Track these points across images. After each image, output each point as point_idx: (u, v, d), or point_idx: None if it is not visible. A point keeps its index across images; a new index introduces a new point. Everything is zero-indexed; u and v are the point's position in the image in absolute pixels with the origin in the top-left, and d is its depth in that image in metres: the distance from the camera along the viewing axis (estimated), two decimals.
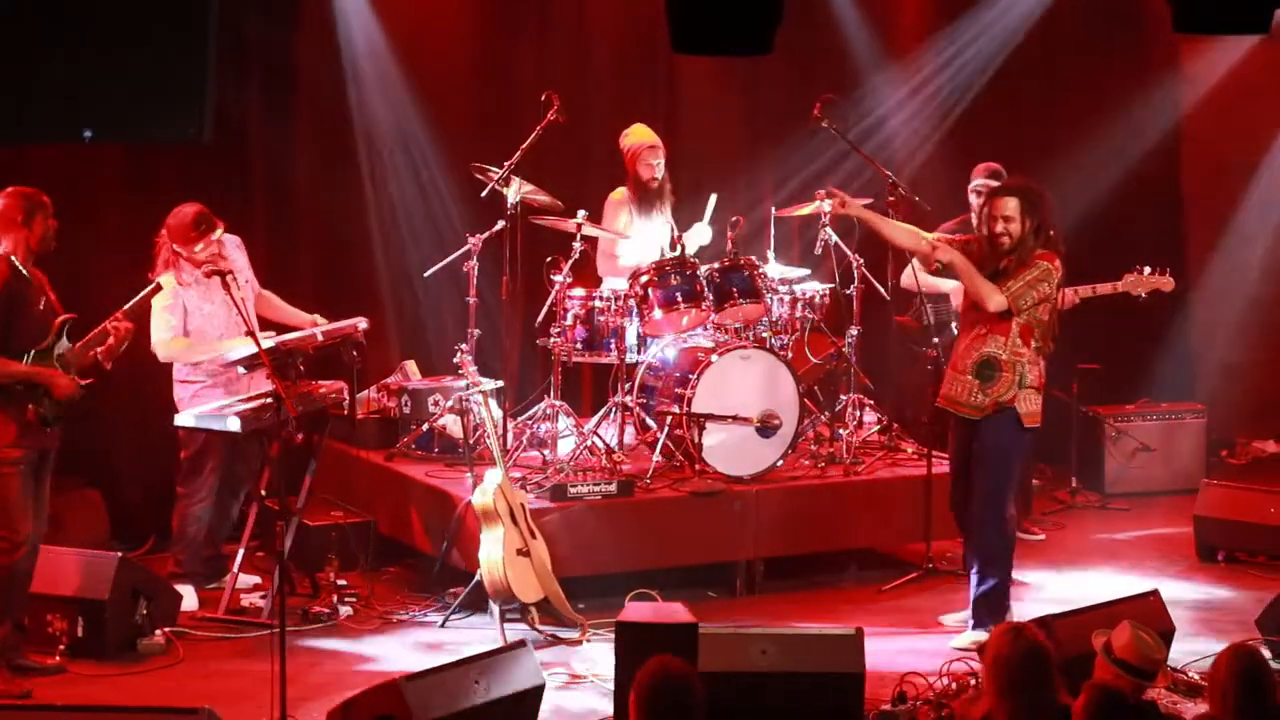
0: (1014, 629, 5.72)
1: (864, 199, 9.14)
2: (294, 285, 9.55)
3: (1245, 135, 12.08)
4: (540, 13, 10.74)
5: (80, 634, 7.87)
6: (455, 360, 8.66)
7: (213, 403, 8.44)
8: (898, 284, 9.60)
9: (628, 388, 9.25)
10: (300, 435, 8.28)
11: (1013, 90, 11.74)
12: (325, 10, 10.09)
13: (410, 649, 8.16)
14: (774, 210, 9.79)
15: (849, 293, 9.59)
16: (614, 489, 8.76)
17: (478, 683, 6.62)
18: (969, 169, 9.88)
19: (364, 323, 8.84)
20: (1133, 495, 11.05)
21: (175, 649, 8.02)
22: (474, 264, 9.28)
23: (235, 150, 9.79)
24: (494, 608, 8.22)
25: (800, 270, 9.79)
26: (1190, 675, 7.43)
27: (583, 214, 9.23)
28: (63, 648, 7.82)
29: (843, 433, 9.52)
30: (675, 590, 8.19)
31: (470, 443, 8.95)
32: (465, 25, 10.60)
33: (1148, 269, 9.37)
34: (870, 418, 9.88)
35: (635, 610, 7.00)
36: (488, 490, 8.20)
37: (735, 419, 9.00)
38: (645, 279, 9.19)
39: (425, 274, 9.75)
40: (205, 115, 6.60)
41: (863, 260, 9.53)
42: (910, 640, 8.26)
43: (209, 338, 8.59)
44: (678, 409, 8.98)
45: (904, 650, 8.01)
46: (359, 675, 7.59)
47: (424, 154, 10.37)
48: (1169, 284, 9.39)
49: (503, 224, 9.19)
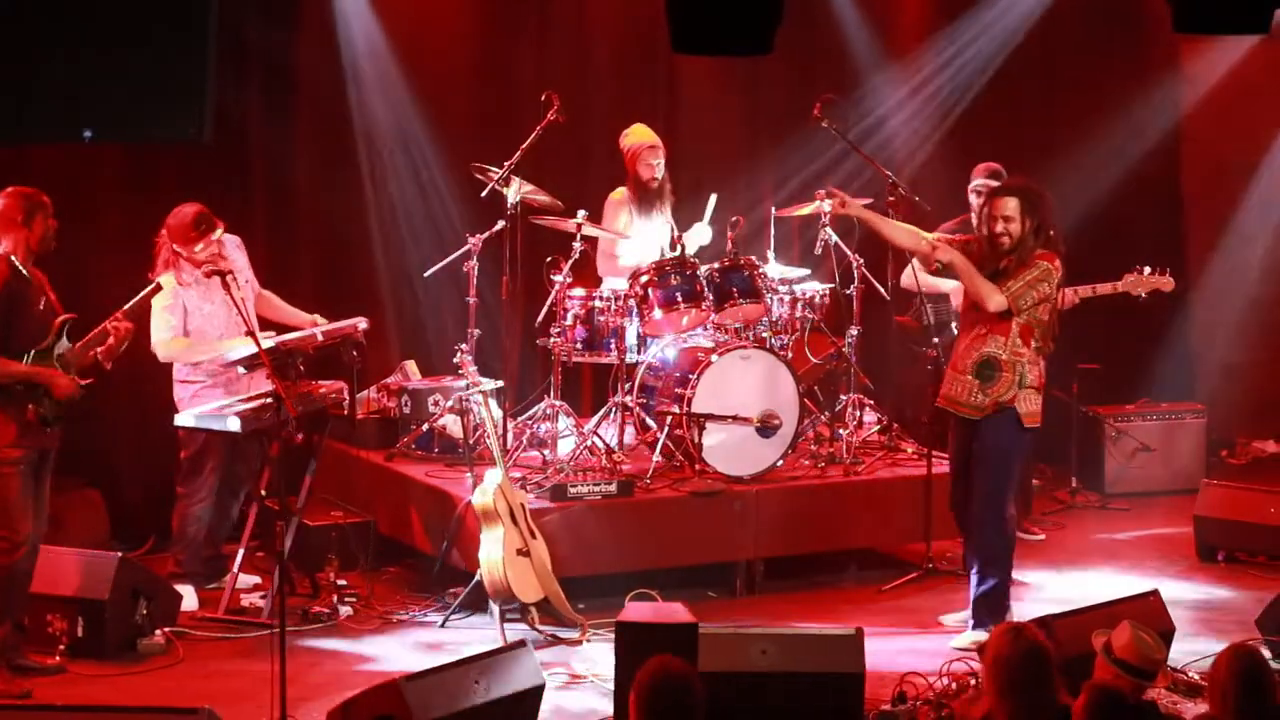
0: (1014, 629, 5.71)
1: (864, 199, 9.14)
2: (294, 285, 9.55)
3: (1245, 135, 12.08)
4: (540, 13, 10.74)
5: (80, 634, 7.87)
6: (455, 360, 8.66)
7: (213, 403, 8.44)
8: (898, 284, 9.60)
9: (628, 388, 9.25)
10: (300, 435, 8.28)
11: (1013, 90, 11.74)
12: (325, 10, 10.08)
13: (410, 649, 8.16)
14: (774, 210, 9.79)
15: (849, 293, 9.59)
16: (614, 489, 8.75)
17: (478, 683, 6.62)
18: (969, 169, 9.88)
19: (364, 323, 8.84)
20: (1133, 495, 11.05)
21: (175, 649, 8.01)
22: (474, 264, 9.28)
23: (235, 150, 9.79)
24: (494, 608, 8.22)
25: (800, 270, 9.80)
26: (1190, 675, 7.43)
27: (583, 214, 9.23)
28: (63, 648, 7.82)
29: (843, 433, 9.52)
30: (675, 590, 8.18)
31: (470, 443, 8.95)
32: (465, 25, 10.59)
33: (1147, 269, 9.36)
34: (870, 418, 9.88)
35: (635, 610, 7.00)
36: (488, 490, 8.20)
37: (735, 419, 9.00)
38: (645, 279, 9.19)
39: (425, 274, 9.75)
40: (205, 115, 6.60)
41: (863, 260, 9.53)
42: (910, 640, 8.26)
43: (209, 338, 8.59)
44: (678, 409, 8.97)
45: (904, 650, 8.01)
46: (359, 675, 7.59)
47: (424, 154, 10.36)
48: (1169, 284, 9.39)
49: (503, 224, 9.19)
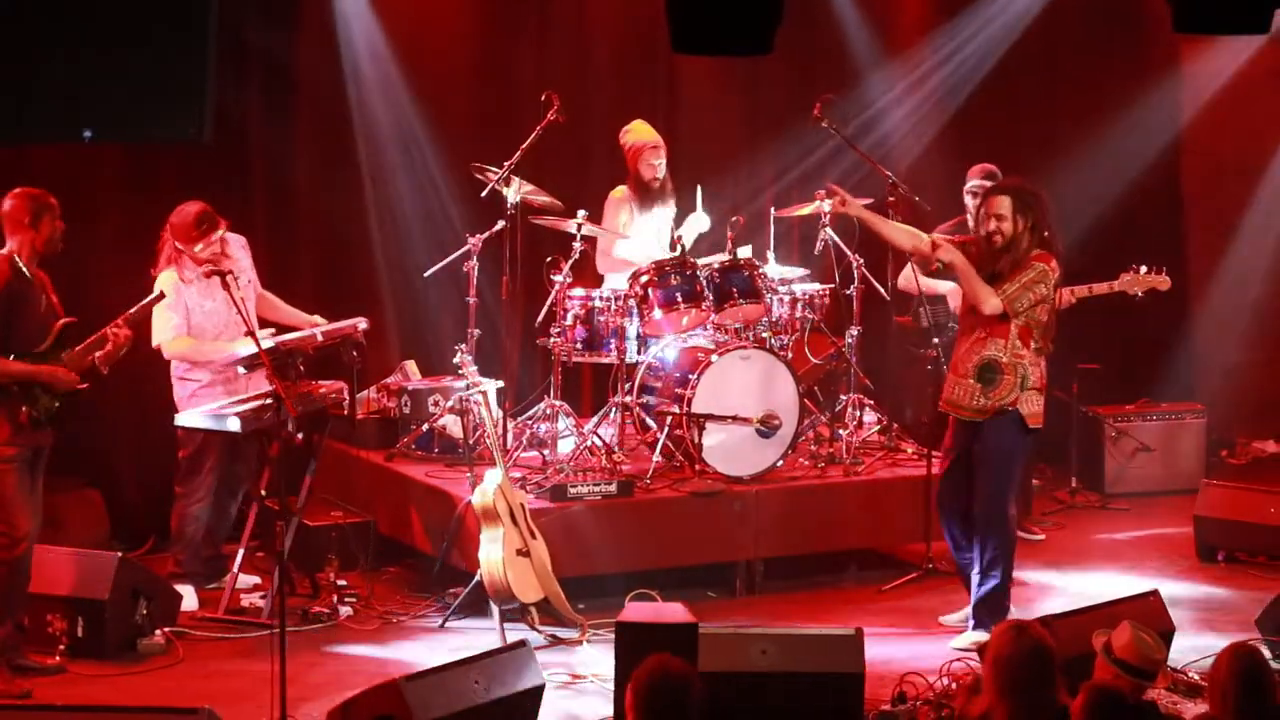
0: (1016, 627, 5.68)
1: (864, 199, 9.13)
2: (294, 285, 9.55)
3: (1246, 136, 12.07)
4: (540, 13, 10.74)
5: (80, 634, 7.87)
6: (455, 360, 8.65)
7: (212, 402, 8.44)
8: (897, 285, 9.60)
9: (628, 388, 9.25)
10: (300, 435, 8.28)
11: (1012, 89, 11.73)
12: (325, 10, 10.08)
13: (410, 649, 8.15)
14: (774, 210, 9.79)
15: (849, 293, 9.58)
16: (614, 489, 8.75)
17: (478, 683, 6.62)
18: (968, 168, 9.87)
19: (364, 323, 8.84)
20: (1133, 495, 11.05)
21: (175, 649, 8.01)
22: (474, 264, 9.28)
23: (235, 150, 9.79)
24: (494, 608, 8.21)
25: (800, 270, 9.80)
26: (1190, 675, 7.43)
27: (583, 214, 9.22)
28: (63, 648, 7.81)
29: (843, 433, 9.52)
30: (675, 590, 8.20)
31: (470, 443, 8.95)
32: (465, 25, 10.59)
33: (1144, 268, 9.35)
34: (870, 418, 9.87)
35: (635, 610, 7.00)
36: (488, 490, 8.19)
37: (735, 419, 8.99)
38: (645, 279, 9.19)
39: (425, 274, 9.74)
40: (205, 115, 6.60)
41: (863, 260, 9.53)
42: (910, 640, 8.25)
43: (208, 335, 8.59)
44: (678, 409, 8.97)
45: (904, 650, 8.01)
46: (359, 675, 7.57)
47: (424, 154, 10.36)
48: (1165, 283, 9.37)
49: (503, 224, 9.19)
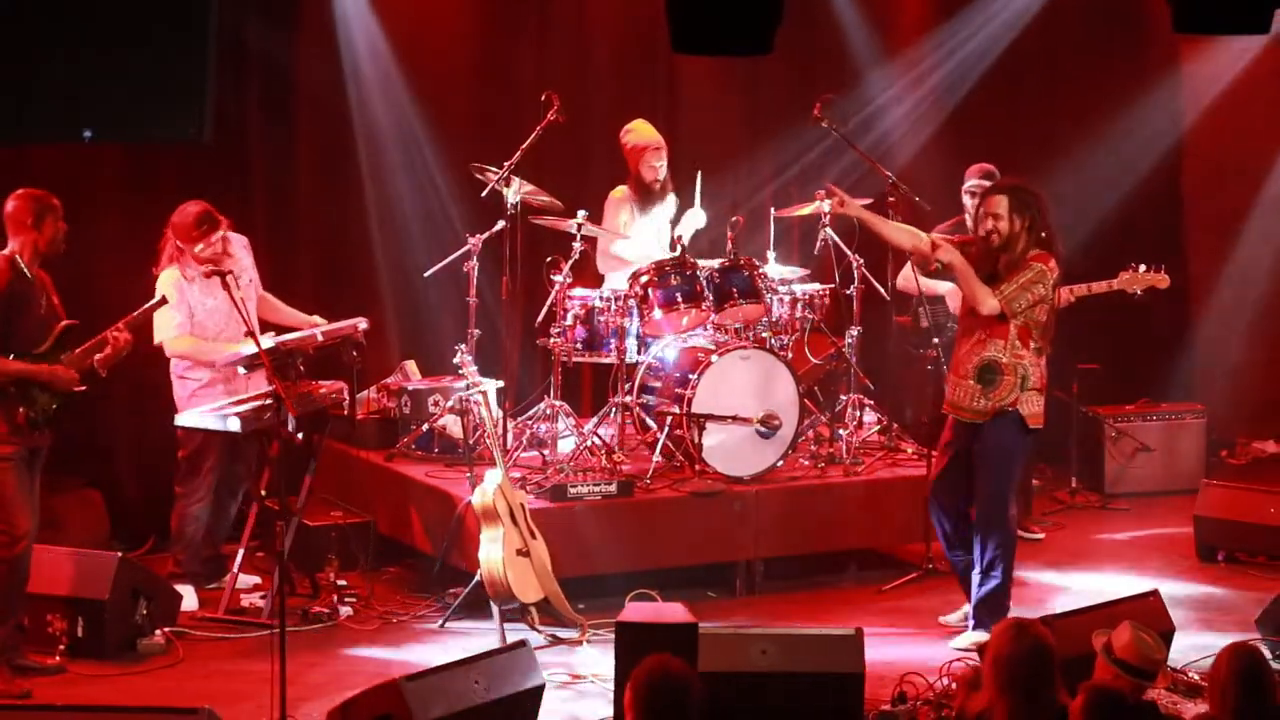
0: (1017, 625, 5.67)
1: (863, 199, 9.13)
2: (294, 285, 9.55)
3: (1246, 136, 12.06)
4: (540, 13, 10.73)
5: (80, 634, 7.87)
6: (455, 360, 8.65)
7: (212, 402, 8.44)
8: (896, 284, 9.60)
9: (628, 388, 9.25)
10: (300, 435, 8.28)
11: (1013, 90, 11.74)
12: (325, 10, 10.08)
13: (410, 649, 8.15)
14: (774, 211, 9.79)
15: (849, 293, 9.59)
16: (614, 489, 8.75)
17: (478, 683, 6.62)
18: (968, 167, 9.87)
19: (364, 323, 8.84)
20: (1133, 495, 11.05)
21: (175, 649, 8.01)
22: (474, 264, 9.28)
23: (235, 150, 9.78)
24: (494, 608, 8.22)
25: (800, 270, 9.79)
26: (1190, 675, 7.43)
27: (583, 214, 9.22)
28: (63, 648, 7.82)
29: (843, 433, 9.52)
30: (675, 590, 8.20)
31: (470, 443, 8.95)
32: (465, 25, 10.59)
33: (1143, 266, 9.34)
34: (870, 418, 9.87)
35: (635, 610, 7.00)
36: (488, 490, 8.19)
37: (735, 419, 8.99)
38: (645, 279, 9.19)
39: (425, 274, 9.74)
40: (205, 115, 6.60)
41: (863, 260, 9.53)
42: (910, 640, 8.26)
43: (209, 334, 8.59)
44: (678, 409, 8.97)
45: (904, 650, 8.01)
46: (359, 675, 7.58)
47: (424, 154, 10.36)
48: (1164, 281, 9.35)
49: (503, 224, 9.19)
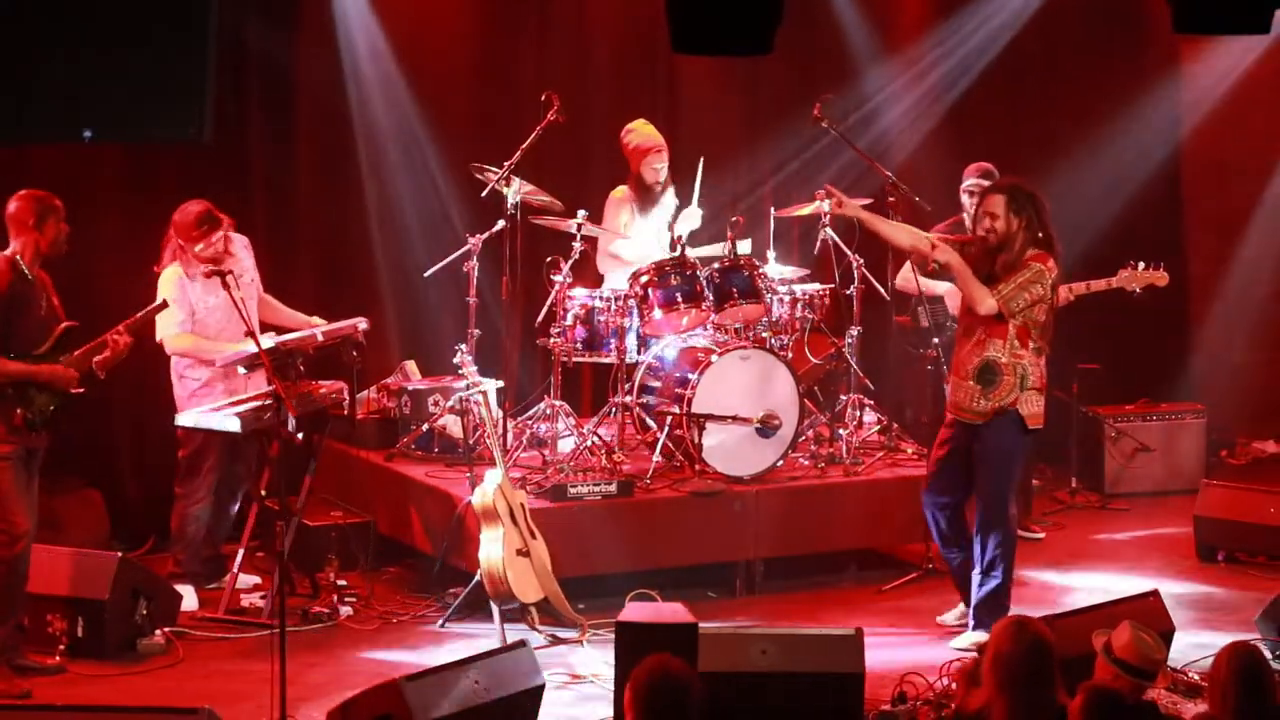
0: (1017, 622, 5.66)
1: (862, 199, 9.13)
2: (294, 285, 9.55)
3: (1246, 137, 12.06)
4: (540, 13, 10.73)
5: (80, 634, 7.87)
6: (455, 360, 8.65)
7: (212, 402, 8.45)
8: (895, 284, 9.60)
9: (628, 388, 9.25)
10: (300, 435, 8.28)
11: (1013, 90, 11.74)
12: (325, 10, 10.08)
13: (410, 649, 8.15)
14: (774, 210, 9.79)
15: (849, 293, 9.58)
16: (614, 489, 8.75)
17: (478, 683, 6.62)
18: (967, 167, 9.87)
19: (364, 323, 8.84)
20: (1133, 495, 11.05)
21: (175, 649, 8.02)
22: (474, 264, 9.27)
23: (235, 150, 9.78)
24: (494, 608, 8.22)
25: (800, 270, 9.79)
26: (1190, 675, 7.43)
27: (583, 214, 9.22)
28: (63, 648, 7.82)
29: (843, 433, 9.52)
30: (675, 590, 8.20)
31: (470, 443, 8.95)
32: (465, 25, 10.59)
33: (1141, 264, 9.35)
34: (870, 418, 9.87)
35: (635, 610, 7.00)
36: (487, 490, 8.19)
37: (735, 419, 8.99)
38: (645, 279, 9.19)
39: (425, 274, 9.74)
40: (205, 115, 6.59)
41: (863, 260, 9.53)
42: (910, 640, 8.26)
43: (210, 332, 8.59)
44: (678, 409, 8.97)
45: (904, 650, 8.01)
46: (359, 675, 7.58)
47: (424, 154, 10.36)
48: (1163, 278, 9.36)
49: (503, 224, 9.19)
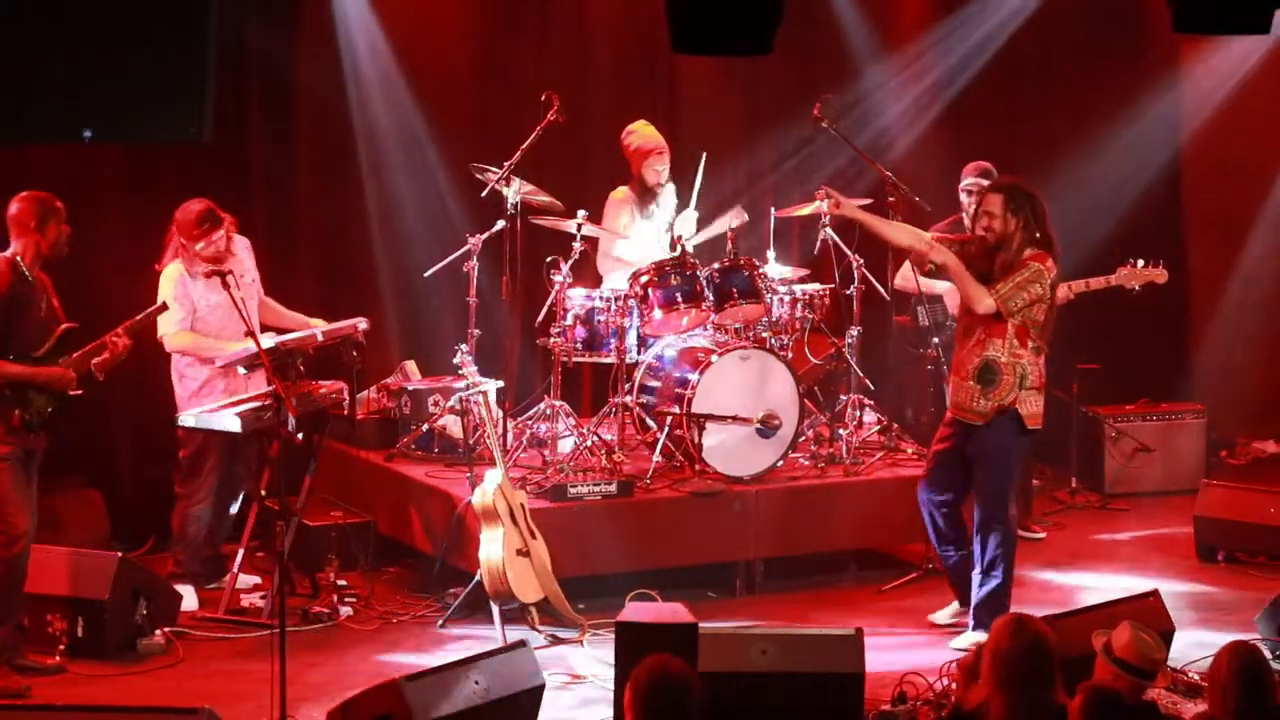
0: (1016, 620, 5.65)
1: (862, 200, 9.13)
2: (294, 286, 9.55)
3: (1247, 137, 12.06)
4: (540, 13, 10.74)
5: (80, 634, 7.87)
6: (455, 360, 8.65)
7: (212, 402, 8.45)
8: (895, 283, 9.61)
9: (628, 388, 9.25)
10: (300, 435, 8.28)
11: (1013, 90, 11.73)
12: (325, 10, 10.08)
13: (410, 649, 8.15)
14: (774, 211, 9.79)
15: (849, 293, 9.58)
16: (614, 489, 8.75)
17: (478, 683, 6.62)
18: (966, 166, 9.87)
19: (364, 323, 8.84)
20: (1133, 495, 11.05)
21: (175, 649, 8.02)
22: (474, 264, 9.27)
23: (235, 150, 9.78)
24: (494, 608, 8.22)
25: (800, 270, 9.79)
26: (1190, 675, 7.43)
27: (583, 214, 9.22)
28: (63, 648, 7.82)
29: (843, 433, 9.52)
30: (675, 590, 8.20)
31: (470, 443, 8.95)
32: (465, 25, 10.59)
33: (1140, 262, 9.34)
34: (870, 418, 9.87)
35: (635, 610, 7.00)
36: (487, 490, 8.19)
37: (735, 419, 8.99)
38: (645, 279, 9.19)
39: (425, 274, 9.74)
40: (205, 115, 6.59)
41: (863, 260, 9.52)
42: (910, 640, 8.26)
43: (211, 331, 8.59)
44: (678, 409, 8.97)
45: (904, 650, 8.01)
46: (359, 675, 7.58)
47: (424, 154, 10.36)
48: (1162, 276, 9.36)
49: (503, 224, 9.19)
